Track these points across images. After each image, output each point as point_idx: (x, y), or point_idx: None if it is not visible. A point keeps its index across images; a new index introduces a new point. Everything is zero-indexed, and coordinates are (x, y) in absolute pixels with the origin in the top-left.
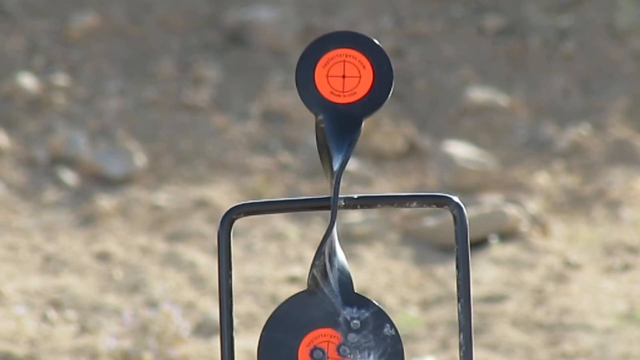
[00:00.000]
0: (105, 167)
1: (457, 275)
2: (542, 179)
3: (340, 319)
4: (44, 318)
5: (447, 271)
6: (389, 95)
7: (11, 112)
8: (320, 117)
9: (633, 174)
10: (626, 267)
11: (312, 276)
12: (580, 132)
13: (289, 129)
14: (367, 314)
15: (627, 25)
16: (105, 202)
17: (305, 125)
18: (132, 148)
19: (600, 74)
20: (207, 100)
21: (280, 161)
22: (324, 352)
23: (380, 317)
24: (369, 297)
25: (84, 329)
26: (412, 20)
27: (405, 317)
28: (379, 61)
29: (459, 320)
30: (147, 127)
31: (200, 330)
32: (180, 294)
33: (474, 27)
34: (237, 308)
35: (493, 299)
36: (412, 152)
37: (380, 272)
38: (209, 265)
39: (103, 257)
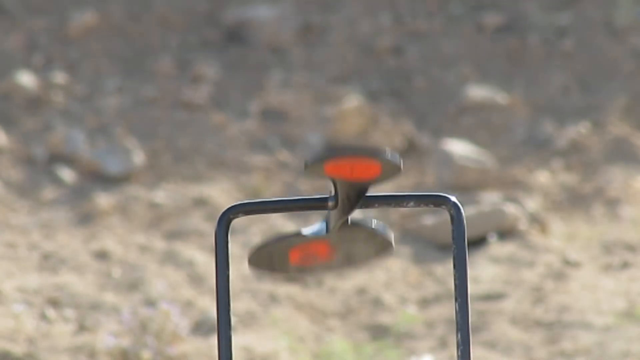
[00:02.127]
0: (104, 165)
1: (455, 275)
2: (541, 177)
3: (334, 236)
4: (43, 316)
5: (446, 269)
6: (399, 174)
7: (10, 110)
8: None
9: (632, 172)
10: (625, 265)
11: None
12: (580, 130)
13: (288, 127)
14: (359, 233)
15: (626, 23)
16: (104, 200)
17: (304, 123)
18: (130, 146)
19: (600, 72)
20: (206, 98)
21: (279, 159)
22: (314, 258)
23: (375, 232)
24: (366, 220)
25: (82, 327)
26: (411, 17)
27: (404, 316)
28: (387, 163)
29: (457, 319)
30: (145, 125)
31: (199, 328)
32: (178, 292)
33: (473, 25)
34: (235, 306)
35: (492, 297)
36: (411, 150)
37: (379, 271)
38: (207, 264)
39: (101, 255)
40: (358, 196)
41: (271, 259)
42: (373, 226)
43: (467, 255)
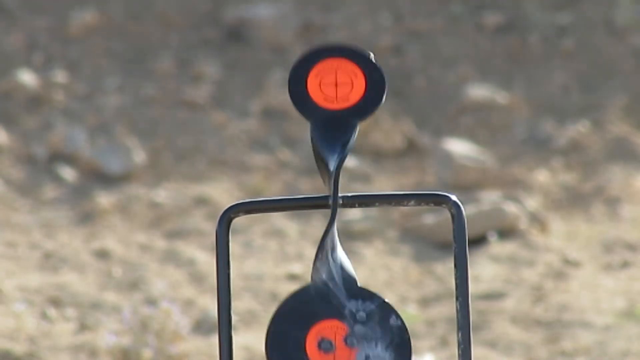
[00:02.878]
0: (105, 164)
1: (456, 274)
2: (541, 176)
3: (346, 311)
4: (44, 315)
5: (446, 268)
6: (382, 102)
7: (10, 109)
8: (315, 122)
9: (632, 171)
10: (625, 265)
11: (315, 270)
12: (579, 129)
13: (289, 126)
14: (372, 306)
15: (626, 22)
16: (105, 199)
17: (304, 122)
18: (131, 145)
19: (600, 71)
20: (207, 97)
21: (279, 158)
22: (331, 344)
23: (385, 309)
24: (372, 290)
25: (83, 327)
26: (411, 17)
27: (404, 315)
28: (371, 70)
29: (458, 318)
30: (146, 124)
31: (200, 327)
32: (179, 291)
33: (473, 24)
34: (236, 305)
35: (492, 296)
36: (411, 149)
37: (380, 269)
38: (208, 263)
39: (102, 254)
40: (349, 131)
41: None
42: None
43: (467, 254)
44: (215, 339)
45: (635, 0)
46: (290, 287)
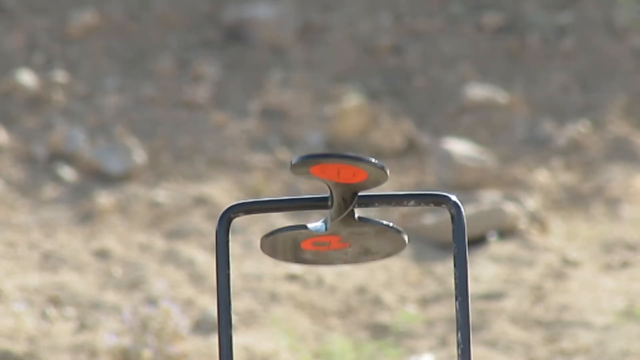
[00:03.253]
0: (104, 164)
1: (455, 274)
2: (541, 176)
3: (343, 232)
4: (43, 315)
5: (446, 268)
6: (386, 179)
7: (10, 109)
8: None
9: (632, 171)
10: (625, 265)
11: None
12: (579, 129)
13: (288, 126)
14: (368, 229)
15: (626, 23)
16: (104, 198)
17: (304, 122)
18: (131, 145)
19: (599, 71)
20: (206, 98)
21: (279, 158)
22: (326, 243)
23: (386, 228)
24: (377, 219)
25: (83, 326)
26: (411, 17)
27: (404, 315)
28: (373, 169)
29: (457, 318)
30: (146, 124)
31: (200, 327)
32: (179, 291)
33: (473, 25)
34: (236, 305)
35: (492, 296)
36: (411, 149)
37: (379, 270)
38: (208, 262)
39: (102, 254)
40: (351, 196)
41: (284, 246)
42: (384, 223)
43: (467, 254)
44: (215, 339)
45: (635, 0)
46: (290, 287)
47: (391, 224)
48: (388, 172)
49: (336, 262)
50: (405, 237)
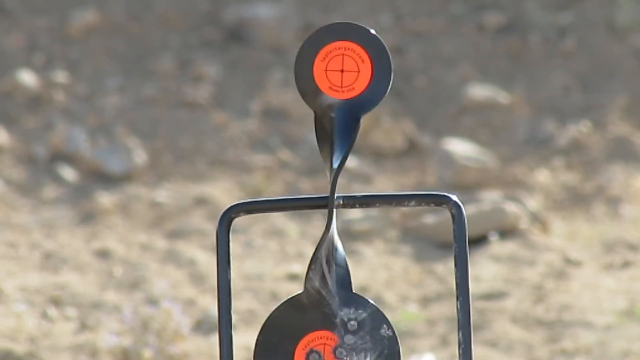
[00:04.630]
0: (105, 164)
1: (456, 274)
2: (542, 176)
3: (337, 320)
4: (44, 315)
5: (447, 268)
6: (387, 92)
7: (11, 109)
8: (320, 111)
9: (633, 171)
10: (626, 264)
11: (308, 279)
12: (580, 129)
13: (289, 127)
14: (364, 315)
15: (626, 23)
16: (105, 199)
17: (305, 122)
18: (131, 145)
19: (600, 71)
20: (207, 98)
21: (280, 158)
22: (320, 355)
23: (377, 318)
24: (366, 297)
25: (84, 326)
26: (412, 17)
27: (404, 314)
28: (378, 55)
29: (458, 317)
30: (146, 124)
31: (200, 327)
32: (180, 291)
33: (474, 25)
34: (236, 305)
35: (493, 295)
36: (412, 149)
37: (380, 269)
38: (208, 262)
39: (103, 254)
40: (354, 120)
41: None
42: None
43: (468, 254)
44: (215, 339)
45: (636, 0)
46: (291, 287)
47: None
48: (392, 63)
49: None
50: (399, 348)
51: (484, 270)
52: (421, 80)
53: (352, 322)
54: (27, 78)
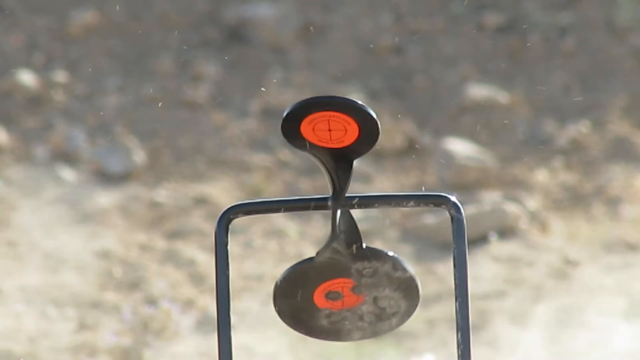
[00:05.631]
0: (105, 164)
1: (455, 274)
2: (541, 176)
3: (352, 270)
4: (44, 315)
5: (447, 268)
6: (377, 141)
7: (11, 109)
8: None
9: (633, 171)
10: (626, 264)
11: (321, 250)
12: (580, 129)
13: None
14: (378, 264)
15: (626, 23)
16: (105, 199)
17: None
18: (131, 145)
19: (600, 71)
20: (207, 98)
21: (279, 158)
22: (339, 294)
23: (393, 264)
24: (380, 248)
25: (83, 326)
26: (411, 17)
27: None
28: (363, 119)
29: (457, 318)
30: (146, 124)
31: (200, 327)
32: (179, 291)
33: (473, 24)
34: (236, 305)
35: (492, 296)
36: (411, 149)
37: None
38: (208, 263)
39: (102, 254)
40: (346, 164)
41: (298, 304)
42: (390, 254)
43: (467, 255)
44: (215, 339)
45: (636, 0)
46: None
47: (398, 258)
48: (379, 124)
49: (354, 337)
50: (418, 283)
51: (484, 271)
52: (421, 80)
53: (367, 270)
54: (27, 78)
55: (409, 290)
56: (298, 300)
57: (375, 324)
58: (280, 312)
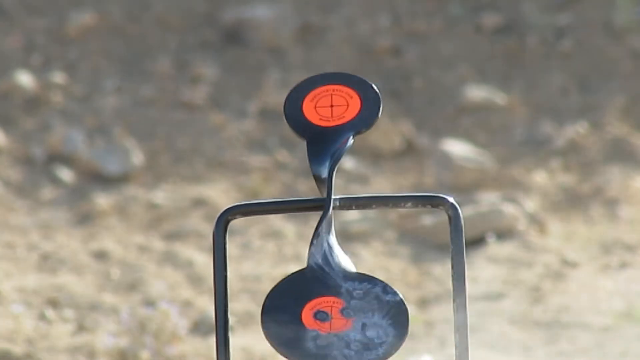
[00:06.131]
0: (103, 165)
1: (453, 275)
2: (539, 177)
3: (343, 289)
4: (42, 316)
5: (445, 269)
6: (378, 116)
7: (9, 110)
8: (312, 139)
9: (630, 172)
10: (624, 265)
11: (311, 255)
12: (578, 130)
13: (287, 128)
14: (369, 286)
15: (624, 24)
16: (103, 200)
17: None
18: (129, 146)
19: (598, 72)
20: (205, 99)
21: (277, 159)
22: (327, 314)
23: (383, 288)
24: (371, 274)
25: (81, 328)
26: (410, 18)
27: None
28: (365, 90)
29: (455, 320)
30: (144, 125)
31: (198, 328)
32: (177, 292)
33: (471, 26)
34: (234, 306)
35: (491, 297)
36: (409, 150)
37: (378, 271)
38: (206, 264)
39: (100, 255)
40: (346, 138)
41: (286, 321)
42: (380, 281)
43: (464, 256)
44: (213, 340)
45: (634, 1)
46: None
47: (389, 288)
48: (381, 98)
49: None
50: (407, 309)
51: (482, 272)
52: (419, 81)
53: (357, 291)
54: (25, 79)
55: (398, 316)
56: (286, 316)
57: (362, 353)
58: (267, 333)
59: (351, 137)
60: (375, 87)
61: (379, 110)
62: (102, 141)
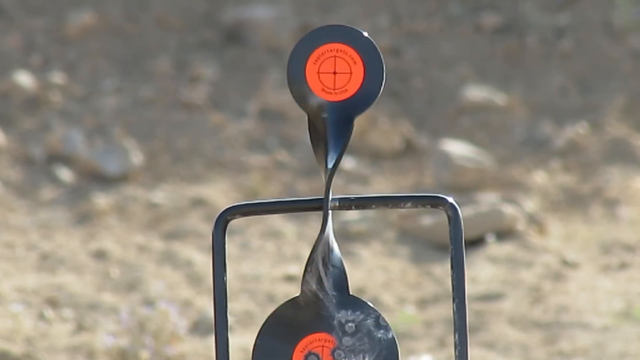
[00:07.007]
0: (102, 165)
1: (452, 276)
2: (539, 177)
3: (335, 322)
4: (41, 316)
5: (444, 269)
6: (380, 93)
7: (8, 110)
8: (313, 113)
9: (630, 173)
10: (623, 266)
11: (305, 282)
12: (578, 130)
13: (286, 127)
14: (362, 317)
15: (624, 24)
16: (102, 200)
17: (303, 123)
18: (128, 146)
19: (598, 73)
20: (204, 99)
21: (277, 159)
22: (318, 357)
23: (375, 320)
24: (364, 299)
25: (80, 327)
26: (409, 18)
27: (402, 316)
28: (370, 56)
29: (454, 319)
30: (144, 125)
31: (197, 328)
32: (177, 292)
33: (471, 26)
34: (233, 306)
35: (490, 297)
36: (409, 150)
37: (378, 271)
38: (205, 264)
39: (100, 255)
40: (347, 121)
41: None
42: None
43: (464, 256)
44: (212, 340)
45: (634, 1)
46: (288, 288)
47: (382, 320)
48: (384, 64)
49: None
50: (398, 349)
51: (481, 272)
52: (418, 82)
53: (349, 324)
54: (24, 79)
55: (389, 358)
56: (278, 358)
57: None
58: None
59: (354, 122)
60: (380, 54)
61: (381, 85)
62: (102, 141)
